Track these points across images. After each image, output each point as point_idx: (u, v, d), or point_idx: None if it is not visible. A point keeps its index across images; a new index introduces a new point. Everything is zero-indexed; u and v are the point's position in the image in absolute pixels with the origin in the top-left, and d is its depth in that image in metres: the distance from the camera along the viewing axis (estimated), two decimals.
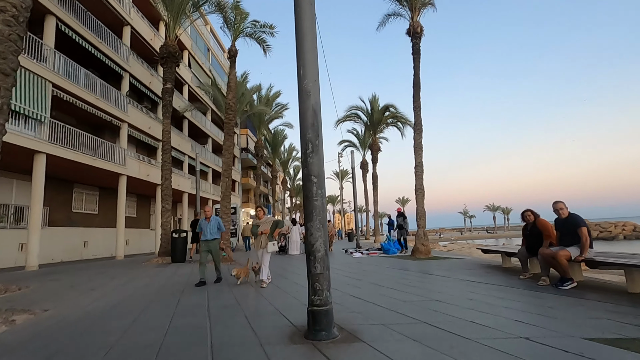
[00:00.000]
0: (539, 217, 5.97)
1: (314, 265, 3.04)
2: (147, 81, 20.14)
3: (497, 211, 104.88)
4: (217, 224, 6.82)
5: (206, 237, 6.68)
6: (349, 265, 9.76)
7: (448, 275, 6.89)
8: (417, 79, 12.67)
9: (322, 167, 3.22)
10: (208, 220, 6.77)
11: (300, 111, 3.30)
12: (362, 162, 30.76)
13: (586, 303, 4.02)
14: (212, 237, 6.68)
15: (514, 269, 7.53)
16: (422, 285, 5.72)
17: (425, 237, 11.68)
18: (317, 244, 3.07)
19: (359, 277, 6.94)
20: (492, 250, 8.15)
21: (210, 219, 6.79)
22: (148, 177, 19.13)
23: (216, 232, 6.78)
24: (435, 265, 8.94)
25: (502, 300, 4.29)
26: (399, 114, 22.80)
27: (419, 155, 12.19)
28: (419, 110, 12.46)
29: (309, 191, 3.15)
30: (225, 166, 12.23)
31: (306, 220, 3.15)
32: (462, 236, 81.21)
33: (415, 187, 12.09)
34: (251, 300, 4.88)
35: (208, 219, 6.78)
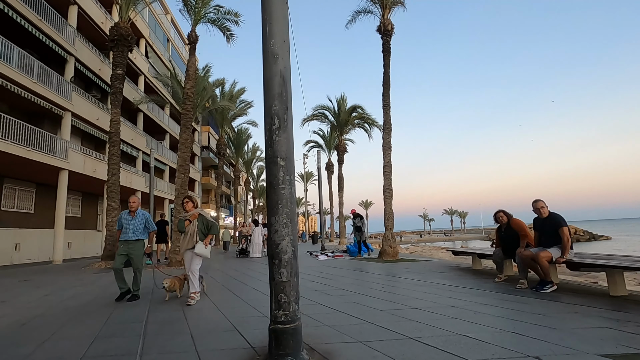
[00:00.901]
0: (513, 217, 5.71)
1: (278, 271, 2.38)
2: (97, 68, 18.39)
3: (454, 215, 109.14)
4: (145, 220, 5.30)
5: (127, 236, 5.11)
6: (315, 268, 9.14)
7: (420, 278, 6.47)
8: (386, 77, 12.38)
9: (291, 147, 2.58)
10: (133, 214, 5.24)
11: (265, 78, 2.64)
12: (328, 163, 30.35)
13: (577, 309, 3.68)
14: (134, 237, 5.13)
15: (486, 271, 7.29)
16: (396, 291, 5.22)
17: (393, 239, 11.34)
18: (283, 243, 2.41)
19: (327, 282, 6.34)
20: (463, 252, 7.89)
21: (136, 213, 5.28)
22: (95, 172, 17.39)
23: (142, 231, 5.22)
24: (405, 268, 8.56)
25: (487, 308, 3.86)
26: (367, 115, 22.63)
27: (388, 154, 11.87)
28: (388, 109, 12.16)
29: (274, 177, 2.49)
30: (181, 162, 11.18)
31: (270, 214, 2.49)
32: (421, 239, 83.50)
33: (384, 187, 11.74)
34: (201, 313, 4.10)
35: (133, 212, 5.26)
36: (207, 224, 4.86)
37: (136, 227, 5.18)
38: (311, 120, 24.20)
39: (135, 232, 5.14)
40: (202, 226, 4.81)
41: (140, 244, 5.21)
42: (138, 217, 5.26)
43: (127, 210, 5.32)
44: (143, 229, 5.25)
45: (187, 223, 4.82)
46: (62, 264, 13.68)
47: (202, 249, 4.73)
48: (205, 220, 4.87)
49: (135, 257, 5.15)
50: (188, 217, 4.82)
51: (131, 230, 5.14)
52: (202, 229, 4.80)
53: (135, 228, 5.17)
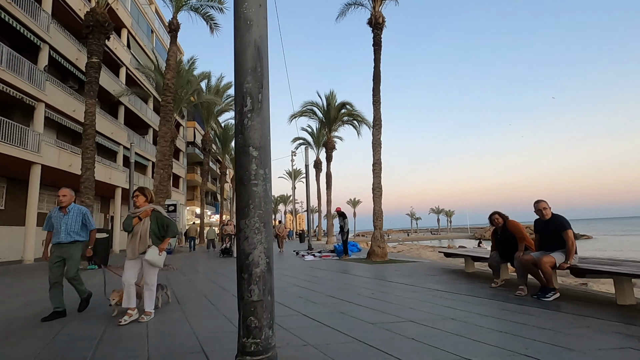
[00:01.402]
0: (509, 219, 5.36)
1: (248, 288, 1.91)
2: (74, 57, 17.46)
3: (441, 214, 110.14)
4: (82, 218, 4.27)
5: (59, 238, 4.13)
6: (301, 270, 8.68)
7: (412, 283, 6.07)
8: (377, 72, 11.97)
9: (267, 134, 2.10)
10: (64, 211, 4.20)
11: (237, 50, 2.16)
12: (316, 160, 29.90)
13: (588, 322, 3.31)
14: (68, 238, 4.13)
15: (479, 274, 6.95)
16: (387, 298, 4.80)
17: (382, 239, 10.97)
18: (254, 253, 1.94)
19: (312, 287, 5.88)
20: (456, 254, 7.54)
21: (69, 209, 4.23)
22: (71, 167, 16.52)
23: (78, 231, 4.21)
24: (394, 270, 8.17)
25: (490, 320, 3.47)
26: (356, 112, 22.22)
27: (378, 152, 11.48)
28: (378, 104, 11.76)
29: (244, 170, 2.01)
30: (160, 156, 10.56)
31: (239, 216, 2.01)
32: (408, 237, 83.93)
33: (373, 185, 11.35)
34: (167, 327, 3.59)
35: (64, 209, 4.22)
36: (162, 224, 3.95)
37: (70, 226, 4.17)
38: (299, 117, 23.71)
39: (69, 233, 4.14)
40: (155, 226, 3.91)
41: (76, 247, 4.21)
42: (71, 213, 4.22)
43: (57, 207, 4.29)
44: (80, 227, 4.24)
45: (135, 221, 3.88)
46: (33, 264, 12.89)
47: (154, 255, 3.80)
48: (161, 218, 3.96)
49: (71, 262, 4.13)
50: (138, 214, 3.88)
51: (64, 230, 4.14)
52: (155, 230, 3.90)
53: (69, 227, 4.16)
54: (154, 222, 3.91)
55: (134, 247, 3.81)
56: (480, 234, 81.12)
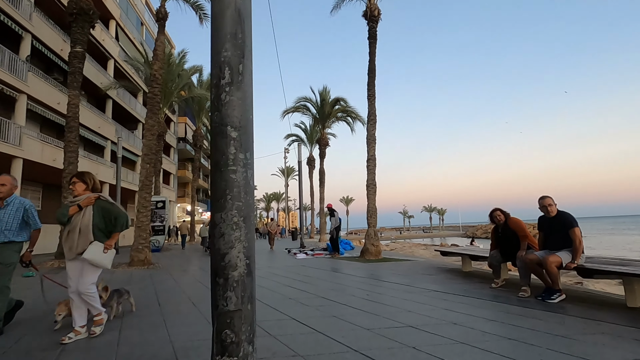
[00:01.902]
0: (510, 216, 5.11)
1: (224, 295, 1.59)
2: (58, 48, 16.86)
3: (433, 212, 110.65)
4: (24, 213, 3.41)
5: None
6: (292, 269, 8.37)
7: (408, 283, 5.80)
8: (372, 65, 11.66)
9: (249, 112, 1.78)
10: (1, 204, 3.34)
11: (213, 13, 1.83)
12: (309, 157, 29.55)
13: (602, 328, 3.06)
14: (2, 238, 3.29)
15: (477, 274, 6.71)
16: (383, 300, 4.51)
17: (376, 237, 10.70)
18: (232, 254, 1.61)
19: (304, 288, 5.57)
20: (453, 252, 7.28)
21: (7, 202, 3.36)
22: (55, 162, 15.95)
23: (16, 229, 3.37)
24: (389, 269, 7.90)
25: (495, 326, 3.19)
26: (350, 108, 21.90)
27: (372, 147, 11.19)
28: (373, 99, 11.47)
29: (221, 154, 1.69)
30: (147, 150, 10.13)
31: (214, 209, 1.68)
32: (401, 235, 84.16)
33: (367, 182, 11.07)
34: (142, 334, 3.25)
35: (1, 201, 3.35)
36: (110, 216, 3.19)
37: (6, 223, 3.30)
38: (293, 113, 23.31)
39: (3, 231, 3.28)
40: (99, 219, 3.12)
41: (9, 249, 3.31)
42: (9, 207, 3.35)
43: None
44: (18, 225, 3.37)
45: (73, 210, 3.08)
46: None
47: (96, 253, 3.03)
48: (108, 209, 3.19)
49: (2, 265, 3.25)
50: (77, 202, 3.12)
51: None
52: (100, 224, 3.14)
53: (5, 224, 3.30)
54: (98, 214, 3.13)
55: (72, 244, 3.04)
56: (472, 232, 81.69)
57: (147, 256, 9.61)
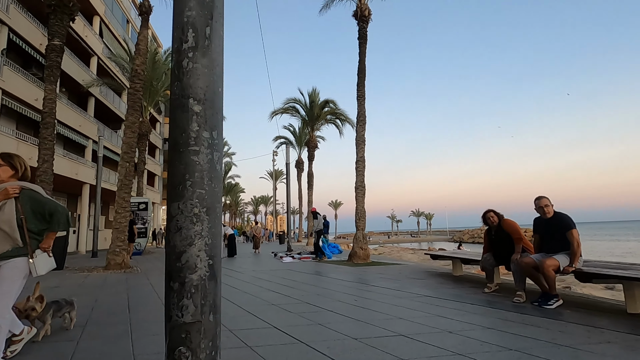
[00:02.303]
0: (504, 218, 4.91)
1: (178, 303, 1.28)
2: (37, 42, 16.23)
3: (421, 216, 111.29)
4: None
5: None
6: (277, 273, 8.04)
7: (398, 287, 5.55)
8: (362, 66, 11.49)
9: (218, 84, 1.49)
10: None
11: None
12: (298, 160, 29.22)
13: (607, 336, 2.84)
14: None
15: (468, 278, 6.51)
16: (372, 306, 4.23)
17: (364, 240, 10.45)
18: (190, 252, 1.31)
19: (289, 293, 5.26)
20: (444, 256, 7.06)
21: None
22: (31, 160, 15.26)
23: None
24: (378, 273, 7.65)
25: (494, 335, 2.95)
26: (339, 110, 21.72)
27: (361, 149, 10.98)
28: (363, 100, 11.28)
29: (180, 132, 1.39)
30: (126, 147, 9.70)
31: (170, 197, 1.38)
32: (389, 239, 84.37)
33: (356, 184, 10.84)
34: (103, 344, 2.89)
35: None
36: (42, 210, 2.46)
37: None
38: (282, 114, 23.02)
39: None
40: (30, 214, 2.41)
41: None
42: None
43: None
44: None
45: None
46: None
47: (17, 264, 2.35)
48: (39, 202, 2.47)
49: None
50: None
51: None
52: (33, 222, 2.42)
53: None
54: (27, 208, 2.40)
55: None
56: (459, 237, 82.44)
57: (125, 259, 9.14)
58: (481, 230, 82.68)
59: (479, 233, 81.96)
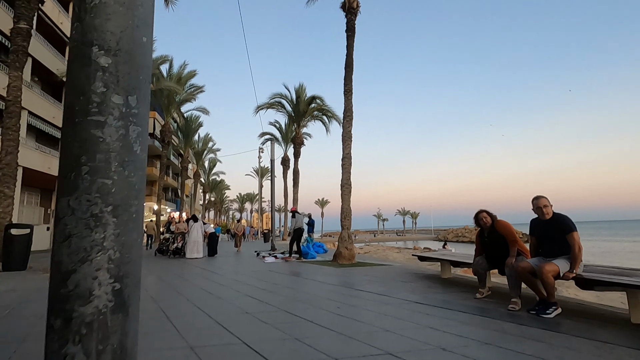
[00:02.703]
0: (498, 219, 4.60)
1: (60, 350, 0.85)
2: (7, 28, 15.25)
3: (406, 215, 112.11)
4: None
5: None
6: (257, 275, 7.59)
7: (385, 292, 5.19)
8: (349, 60, 11.10)
9: (142, 29, 1.05)
10: None
11: None
12: (284, 157, 28.71)
13: (617, 352, 2.53)
14: None
15: (457, 281, 6.21)
16: (357, 315, 3.85)
17: (350, 240, 10.09)
18: (81, 273, 0.88)
19: (267, 298, 4.83)
20: (432, 257, 6.75)
21: None
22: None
23: None
24: (363, 275, 7.29)
25: (495, 353, 2.60)
26: (326, 106, 21.28)
27: (348, 145, 10.60)
28: (350, 94, 10.89)
29: (78, 94, 0.95)
30: None
31: (61, 189, 0.95)
32: (375, 238, 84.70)
33: (342, 181, 10.46)
34: None
35: None
36: None
37: None
38: (267, 109, 22.44)
39: None
40: None
41: None
42: None
43: None
44: None
45: None
46: None
47: None
48: None
49: None
50: None
51: None
52: None
53: None
54: None
55: None
56: (443, 236, 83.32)
57: None
58: (465, 229, 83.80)
59: (462, 232, 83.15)
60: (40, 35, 18.04)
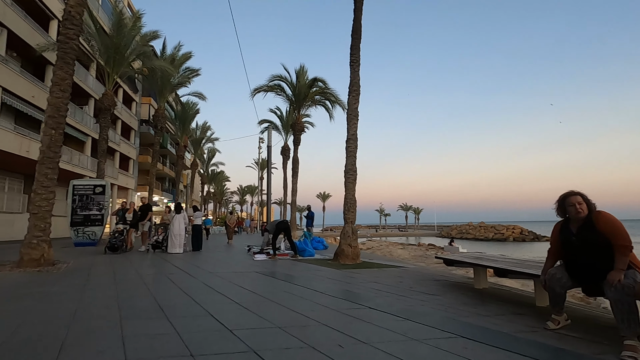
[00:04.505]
0: (598, 209, 2.96)
1: None
2: None
3: (409, 211, 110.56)
4: None
5: None
6: (239, 277, 6.09)
7: (405, 313, 3.67)
8: (357, 25, 9.48)
9: None
10: None
11: None
12: (284, 147, 27.13)
13: None
14: None
15: (497, 294, 4.69)
16: (372, 354, 2.33)
17: (354, 236, 8.57)
18: None
19: (240, 322, 3.31)
20: (464, 262, 5.17)
21: None
22: None
23: None
24: (371, 280, 5.78)
25: None
26: (329, 90, 19.63)
27: (354, 125, 9.04)
28: (357, 66, 9.31)
29: None
30: (52, 110, 7.56)
31: None
32: (377, 233, 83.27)
33: (346, 167, 8.92)
34: None
35: None
36: None
37: None
38: (266, 92, 20.82)
39: None
40: None
41: None
42: None
43: None
44: None
45: None
46: None
47: None
48: None
49: None
50: None
51: None
52: None
53: None
54: None
55: None
56: (447, 232, 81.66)
57: (44, 254, 7.07)
58: (470, 226, 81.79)
59: (467, 229, 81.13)
60: (18, 6, 16.50)
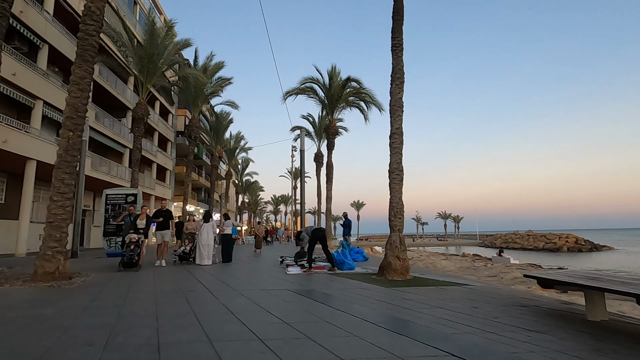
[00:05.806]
0: None
1: None
2: (17, 9, 14.07)
3: (448, 219, 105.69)
4: None
5: None
6: (267, 298, 5.02)
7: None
8: (399, 5, 8.33)
9: None
10: None
11: None
12: (317, 153, 26.19)
13: None
14: None
15: (627, 330, 3.27)
16: None
17: (403, 247, 7.28)
18: None
19: (280, 351, 2.21)
20: (568, 283, 3.75)
21: None
22: (6, 143, 13.15)
23: None
24: (434, 304, 4.49)
25: None
26: (364, 89, 18.48)
27: (398, 117, 7.83)
28: (400, 50, 8.13)
29: None
30: (71, 111, 7.02)
31: None
32: (414, 243, 79.87)
33: (390, 166, 7.70)
34: None
35: None
36: None
37: None
38: (297, 95, 20.04)
39: None
40: None
41: None
42: None
43: None
44: None
45: None
46: None
47: None
48: None
49: None
50: None
51: None
52: None
53: None
54: None
55: None
56: (490, 242, 76.66)
57: (60, 266, 6.42)
58: (516, 234, 76.22)
59: (513, 238, 75.65)
60: (58, 22, 16.95)
